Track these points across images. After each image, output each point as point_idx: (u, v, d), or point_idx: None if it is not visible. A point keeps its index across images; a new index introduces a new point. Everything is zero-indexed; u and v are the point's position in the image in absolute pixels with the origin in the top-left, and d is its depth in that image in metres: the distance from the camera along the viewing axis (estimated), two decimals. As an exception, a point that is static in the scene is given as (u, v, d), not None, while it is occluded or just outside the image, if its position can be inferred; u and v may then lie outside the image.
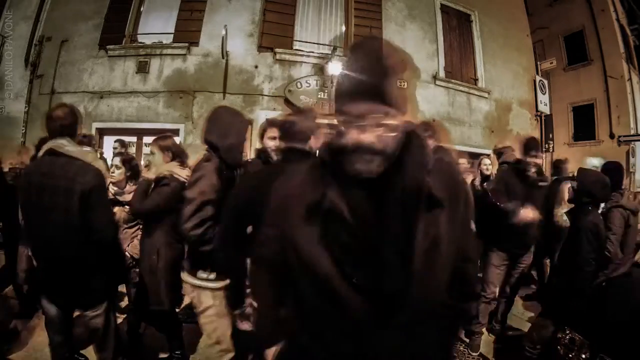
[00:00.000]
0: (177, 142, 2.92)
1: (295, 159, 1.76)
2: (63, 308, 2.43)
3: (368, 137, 0.87)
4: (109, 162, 3.33)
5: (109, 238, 2.38)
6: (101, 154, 5.59)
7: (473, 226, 1.17)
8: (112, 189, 3.16)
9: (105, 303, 2.52)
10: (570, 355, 2.44)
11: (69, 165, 2.24)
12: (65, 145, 2.28)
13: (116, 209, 3.04)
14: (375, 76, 0.92)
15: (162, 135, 2.88)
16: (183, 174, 2.66)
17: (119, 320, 3.56)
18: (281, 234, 1.03)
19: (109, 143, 6.31)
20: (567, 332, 2.52)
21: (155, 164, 2.73)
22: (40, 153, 2.34)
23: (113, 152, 5.46)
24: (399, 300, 0.91)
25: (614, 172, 3.73)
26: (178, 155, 2.77)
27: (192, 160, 2.73)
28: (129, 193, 3.18)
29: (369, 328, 0.92)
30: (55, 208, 2.18)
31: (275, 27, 8.39)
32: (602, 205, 3.45)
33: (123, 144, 5.88)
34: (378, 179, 0.90)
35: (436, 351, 1.05)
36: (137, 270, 2.96)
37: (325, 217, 0.93)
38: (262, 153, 2.88)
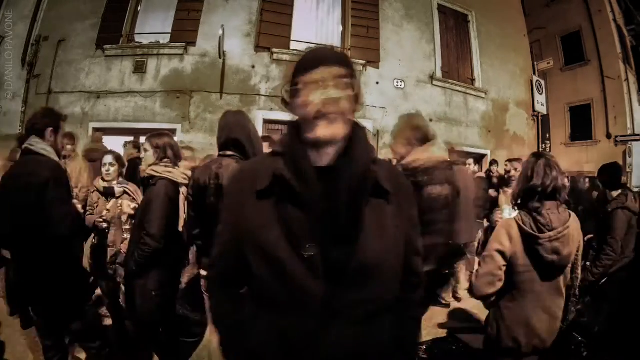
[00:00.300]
0: (173, 142, 2.85)
1: None
2: (39, 314, 2.42)
3: (326, 133, 0.97)
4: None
5: (66, 233, 2.35)
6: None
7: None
8: (101, 185, 3.20)
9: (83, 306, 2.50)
10: (569, 355, 2.44)
11: (32, 161, 2.29)
12: (33, 144, 2.32)
13: (109, 205, 3.05)
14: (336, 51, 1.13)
15: (156, 133, 2.83)
16: (172, 173, 2.62)
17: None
18: (236, 219, 1.07)
19: (106, 143, 6.29)
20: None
21: (146, 162, 2.70)
22: (18, 155, 2.39)
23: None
24: (347, 279, 0.97)
25: (611, 172, 3.76)
26: (168, 155, 2.71)
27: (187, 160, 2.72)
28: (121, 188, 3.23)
29: (320, 314, 0.95)
30: (19, 205, 2.21)
31: (273, 27, 8.39)
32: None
33: (137, 145, 5.81)
34: (323, 168, 1.02)
35: (390, 344, 1.09)
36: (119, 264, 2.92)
37: (277, 198, 0.99)
38: None
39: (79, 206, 3.15)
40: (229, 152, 2.46)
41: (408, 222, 1.13)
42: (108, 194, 3.19)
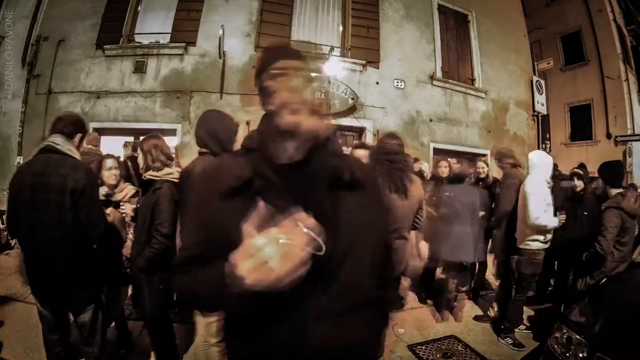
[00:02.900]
0: (159, 142, 2.86)
1: None
2: (55, 306, 2.43)
3: (289, 121, 0.98)
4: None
5: (101, 235, 2.41)
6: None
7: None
8: (102, 190, 3.15)
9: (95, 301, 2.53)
10: (567, 355, 2.43)
11: (61, 162, 2.27)
12: (59, 143, 2.31)
13: (109, 210, 3.03)
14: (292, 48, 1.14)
15: (146, 136, 2.87)
16: (172, 174, 2.65)
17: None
18: (206, 218, 1.04)
19: (106, 143, 6.30)
20: (564, 331, 2.52)
21: (140, 165, 2.77)
22: (35, 151, 2.36)
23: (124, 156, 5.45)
24: (326, 275, 0.96)
25: (612, 169, 3.78)
26: (156, 157, 2.71)
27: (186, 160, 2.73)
28: (120, 191, 3.23)
29: (300, 310, 0.95)
30: (47, 205, 2.20)
31: (273, 27, 8.38)
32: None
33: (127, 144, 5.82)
34: (299, 162, 1.02)
35: (366, 339, 1.10)
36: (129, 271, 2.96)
37: (251, 195, 0.97)
38: None
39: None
40: (203, 150, 2.50)
41: (378, 212, 1.16)
42: (108, 202, 3.17)
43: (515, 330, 3.96)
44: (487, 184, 5.06)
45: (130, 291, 3.19)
